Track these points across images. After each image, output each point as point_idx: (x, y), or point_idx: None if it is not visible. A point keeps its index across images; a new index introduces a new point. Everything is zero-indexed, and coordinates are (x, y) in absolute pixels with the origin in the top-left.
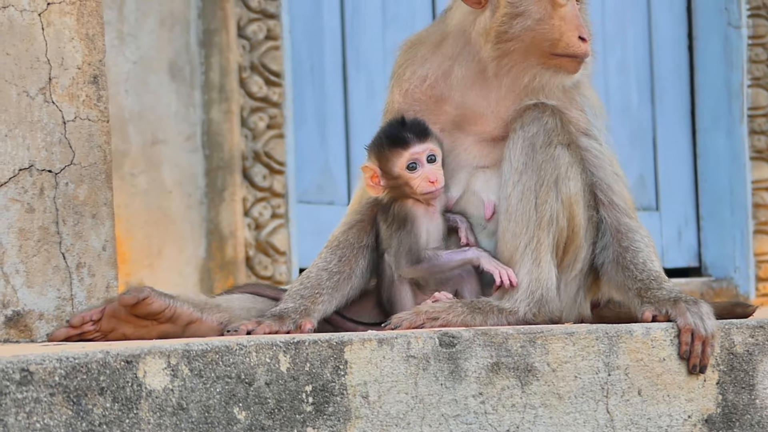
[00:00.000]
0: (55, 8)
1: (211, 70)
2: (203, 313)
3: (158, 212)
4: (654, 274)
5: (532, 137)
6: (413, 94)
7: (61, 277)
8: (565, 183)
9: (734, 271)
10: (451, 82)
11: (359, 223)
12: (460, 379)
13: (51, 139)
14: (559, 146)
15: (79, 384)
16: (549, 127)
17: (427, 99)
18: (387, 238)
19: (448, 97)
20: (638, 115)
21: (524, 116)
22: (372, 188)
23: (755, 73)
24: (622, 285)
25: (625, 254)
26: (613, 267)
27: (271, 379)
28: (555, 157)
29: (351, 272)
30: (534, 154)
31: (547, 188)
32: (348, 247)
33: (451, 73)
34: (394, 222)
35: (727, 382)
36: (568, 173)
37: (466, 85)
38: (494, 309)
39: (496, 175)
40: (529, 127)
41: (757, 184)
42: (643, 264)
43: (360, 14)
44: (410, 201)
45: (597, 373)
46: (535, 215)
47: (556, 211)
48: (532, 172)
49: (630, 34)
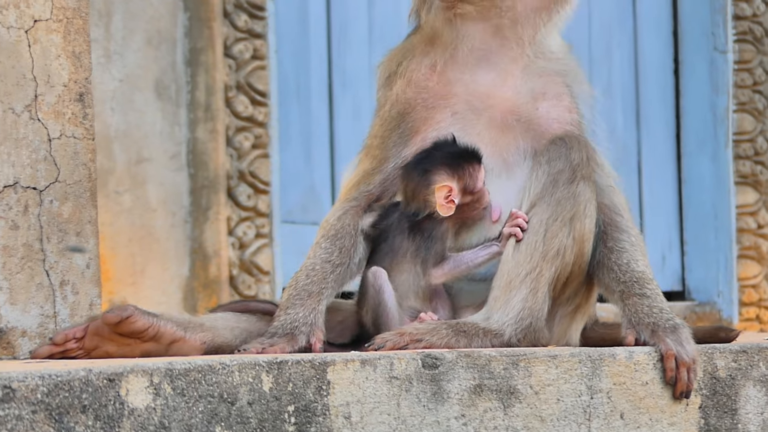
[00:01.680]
0: (42, 25)
1: (197, 89)
2: (186, 332)
3: (142, 230)
4: (637, 275)
5: (556, 174)
6: (420, 82)
7: (44, 294)
8: (581, 221)
9: (718, 296)
10: (458, 63)
11: (352, 210)
12: (442, 400)
13: (36, 157)
14: (582, 181)
15: (62, 402)
16: (575, 163)
17: (434, 85)
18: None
19: (457, 79)
20: (623, 139)
21: (551, 150)
22: (444, 207)
23: (741, 98)
24: (608, 287)
25: (610, 255)
26: (599, 268)
27: (253, 399)
28: (576, 194)
29: (350, 263)
30: (554, 190)
31: (561, 224)
32: (347, 236)
33: (457, 55)
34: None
35: (710, 407)
36: (585, 210)
37: (475, 61)
38: (479, 331)
39: (503, 173)
40: (555, 162)
41: (741, 208)
42: (626, 265)
43: (346, 35)
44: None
45: (580, 396)
46: (542, 247)
47: (565, 246)
48: (547, 206)
49: (616, 57)
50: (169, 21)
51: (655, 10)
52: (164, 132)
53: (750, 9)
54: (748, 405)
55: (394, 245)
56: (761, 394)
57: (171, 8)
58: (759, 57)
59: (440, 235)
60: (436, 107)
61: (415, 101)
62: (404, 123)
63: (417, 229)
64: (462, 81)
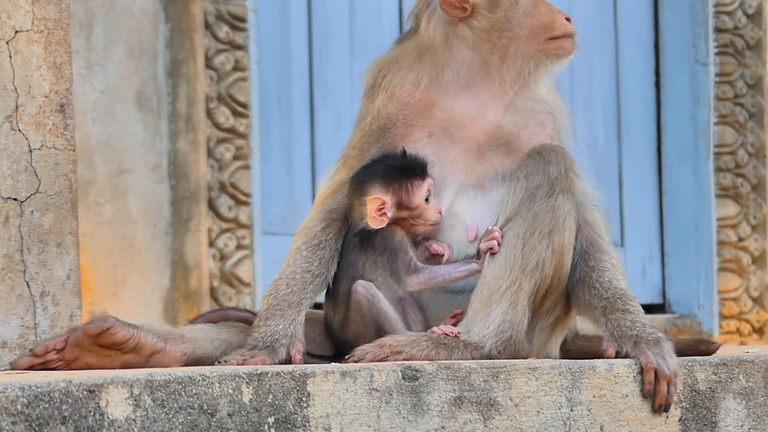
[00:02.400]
0: (23, 36)
1: (178, 100)
2: (167, 343)
3: (123, 242)
4: (619, 292)
5: (534, 188)
6: (402, 98)
7: (24, 305)
8: (560, 233)
9: (698, 309)
10: (442, 85)
11: (335, 222)
12: (422, 412)
13: (17, 167)
14: (561, 194)
15: (42, 413)
16: (553, 177)
17: (416, 103)
18: (371, 264)
19: (438, 101)
20: (604, 151)
21: (529, 164)
22: (375, 220)
23: (722, 110)
24: (588, 303)
25: (592, 273)
26: (580, 287)
27: (233, 410)
28: (555, 208)
29: (327, 275)
30: (532, 204)
31: (540, 237)
32: (327, 248)
33: (443, 77)
34: (378, 248)
35: (690, 419)
36: (565, 223)
37: (457, 88)
38: (459, 344)
39: (479, 196)
40: (534, 177)
41: (722, 221)
42: (608, 282)
43: (328, 47)
44: (397, 228)
45: (559, 408)
46: (521, 260)
47: (544, 259)
48: (525, 220)
49: (597, 69)
50: (151, 32)
51: (636, 22)
52: (145, 143)
53: (731, 22)
54: (728, 418)
55: (350, 259)
56: (741, 407)
57: (152, 19)
58: (740, 69)
59: (397, 247)
60: (415, 125)
61: (396, 117)
62: (384, 138)
63: (368, 242)
64: (442, 104)
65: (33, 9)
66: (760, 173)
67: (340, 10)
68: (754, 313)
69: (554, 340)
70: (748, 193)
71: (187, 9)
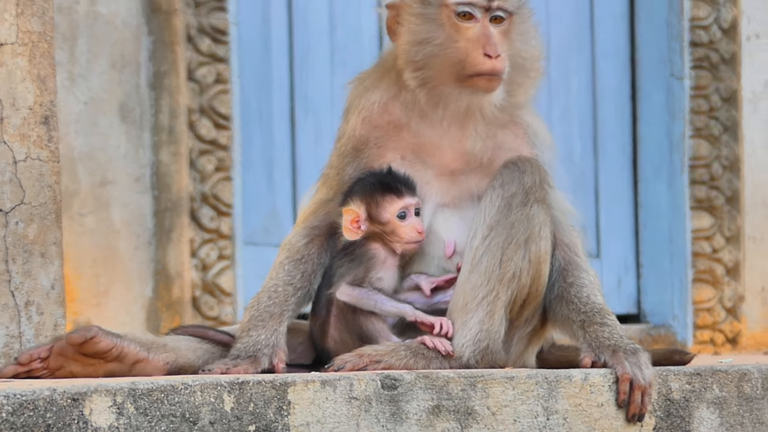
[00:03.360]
0: (8, 49)
1: (161, 112)
2: (150, 352)
3: (106, 252)
4: (597, 306)
5: (510, 197)
6: (372, 120)
7: (9, 314)
8: (536, 243)
9: (673, 319)
10: (404, 111)
11: (318, 237)
12: (401, 421)
13: (2, 179)
14: (536, 204)
15: (26, 421)
16: (528, 186)
17: (385, 125)
18: (344, 268)
19: (405, 124)
20: (581, 164)
21: (504, 174)
22: (350, 231)
23: (697, 123)
24: (566, 318)
25: (570, 289)
26: (558, 302)
27: (215, 419)
28: (530, 216)
29: (310, 288)
30: (509, 213)
31: (516, 246)
32: (310, 262)
33: (403, 104)
34: (355, 259)
35: (664, 428)
36: (540, 233)
37: (418, 116)
38: (438, 353)
39: (456, 213)
40: (509, 186)
41: (696, 233)
42: (587, 297)
43: (308, 60)
44: (376, 243)
45: (536, 417)
46: (499, 270)
47: (521, 269)
48: (502, 229)
49: (574, 82)
50: (133, 45)
51: (612, 36)
52: (128, 154)
53: (707, 36)
54: (702, 427)
55: (332, 269)
56: (714, 416)
57: (135, 32)
58: (715, 83)
59: (365, 260)
60: (387, 147)
61: (368, 138)
62: (358, 158)
63: (350, 253)
64: (409, 128)
65: (17, 22)
66: (734, 186)
67: (320, 24)
68: (728, 324)
69: (531, 350)
70: (723, 205)
71: (169, 22)
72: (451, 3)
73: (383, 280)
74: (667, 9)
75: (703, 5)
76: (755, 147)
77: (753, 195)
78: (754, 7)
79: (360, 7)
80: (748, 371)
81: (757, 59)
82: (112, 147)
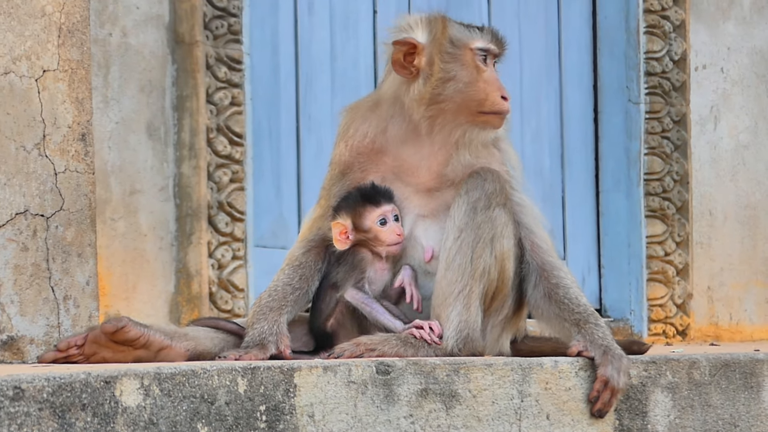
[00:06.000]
0: (50, 75)
1: (183, 130)
2: (173, 340)
3: (134, 253)
4: (589, 309)
5: (474, 201)
6: (357, 148)
7: (50, 307)
8: (500, 241)
9: (630, 314)
10: (387, 138)
11: (315, 248)
12: (393, 402)
13: (44, 188)
14: (497, 207)
15: (64, 400)
16: (489, 192)
17: (369, 152)
18: (342, 275)
19: (386, 150)
20: (550, 178)
21: (469, 183)
22: (340, 242)
23: (651, 143)
24: (557, 317)
25: (557, 290)
26: (546, 302)
27: (230, 399)
28: (493, 218)
29: (308, 289)
30: (474, 215)
31: (483, 245)
32: (307, 268)
33: (387, 131)
34: (347, 264)
35: (624, 410)
36: (503, 232)
37: (400, 141)
38: (425, 342)
39: (435, 223)
40: (473, 192)
41: (650, 238)
42: (576, 299)
43: (312, 85)
44: (365, 250)
45: (512, 399)
46: (470, 267)
47: (489, 265)
48: (471, 230)
49: (544, 107)
50: (159, 72)
51: (577, 66)
52: (154, 167)
53: (660, 66)
54: (657, 408)
55: (330, 274)
56: (668, 399)
57: (161, 61)
58: (667, 108)
59: (356, 264)
60: (369, 170)
61: (352, 163)
62: (344, 180)
63: (343, 259)
64: (390, 153)
65: (59, 51)
66: (683, 197)
67: (322, 55)
68: (678, 318)
69: (505, 336)
70: (674, 214)
71: (191, 52)
72: (474, 47)
73: (374, 281)
74: (626, 43)
75: (657, 40)
76: (702, 163)
77: (700, 205)
78: (701, 42)
79: (358, 40)
80: (697, 360)
81: (704, 87)
82: (140, 161)
